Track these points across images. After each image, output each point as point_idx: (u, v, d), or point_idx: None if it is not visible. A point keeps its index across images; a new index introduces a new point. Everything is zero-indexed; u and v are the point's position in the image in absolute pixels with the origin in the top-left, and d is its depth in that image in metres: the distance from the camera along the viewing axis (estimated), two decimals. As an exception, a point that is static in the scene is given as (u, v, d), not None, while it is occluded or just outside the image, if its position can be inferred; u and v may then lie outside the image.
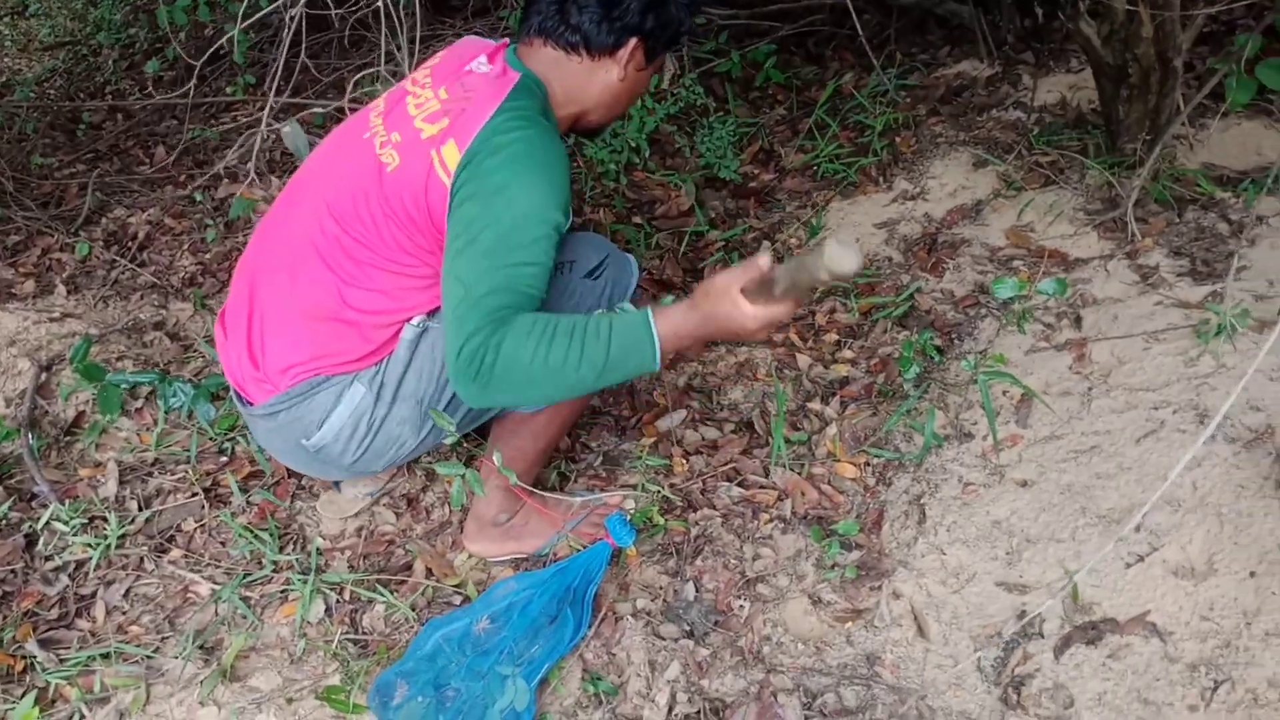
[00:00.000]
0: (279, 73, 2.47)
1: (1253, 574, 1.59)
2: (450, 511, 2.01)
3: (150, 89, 3.98)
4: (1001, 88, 2.97)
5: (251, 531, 1.96)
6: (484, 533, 1.88)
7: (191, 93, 3.27)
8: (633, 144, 2.93)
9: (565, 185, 1.52)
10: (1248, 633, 1.54)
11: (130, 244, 2.91)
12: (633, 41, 1.63)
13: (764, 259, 1.42)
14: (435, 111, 1.58)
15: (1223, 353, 1.90)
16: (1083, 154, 2.56)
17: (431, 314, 1.68)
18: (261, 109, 2.97)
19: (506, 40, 1.71)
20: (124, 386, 2.17)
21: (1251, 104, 2.37)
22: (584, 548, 1.85)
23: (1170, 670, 1.53)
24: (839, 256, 1.27)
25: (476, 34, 3.54)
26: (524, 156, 1.49)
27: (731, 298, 1.42)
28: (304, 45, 2.63)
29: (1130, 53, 2.30)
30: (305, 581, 1.84)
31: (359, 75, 2.65)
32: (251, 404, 1.76)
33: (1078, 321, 2.11)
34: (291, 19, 2.35)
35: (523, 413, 1.75)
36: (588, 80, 1.66)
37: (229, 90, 3.67)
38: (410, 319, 1.68)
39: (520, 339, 1.41)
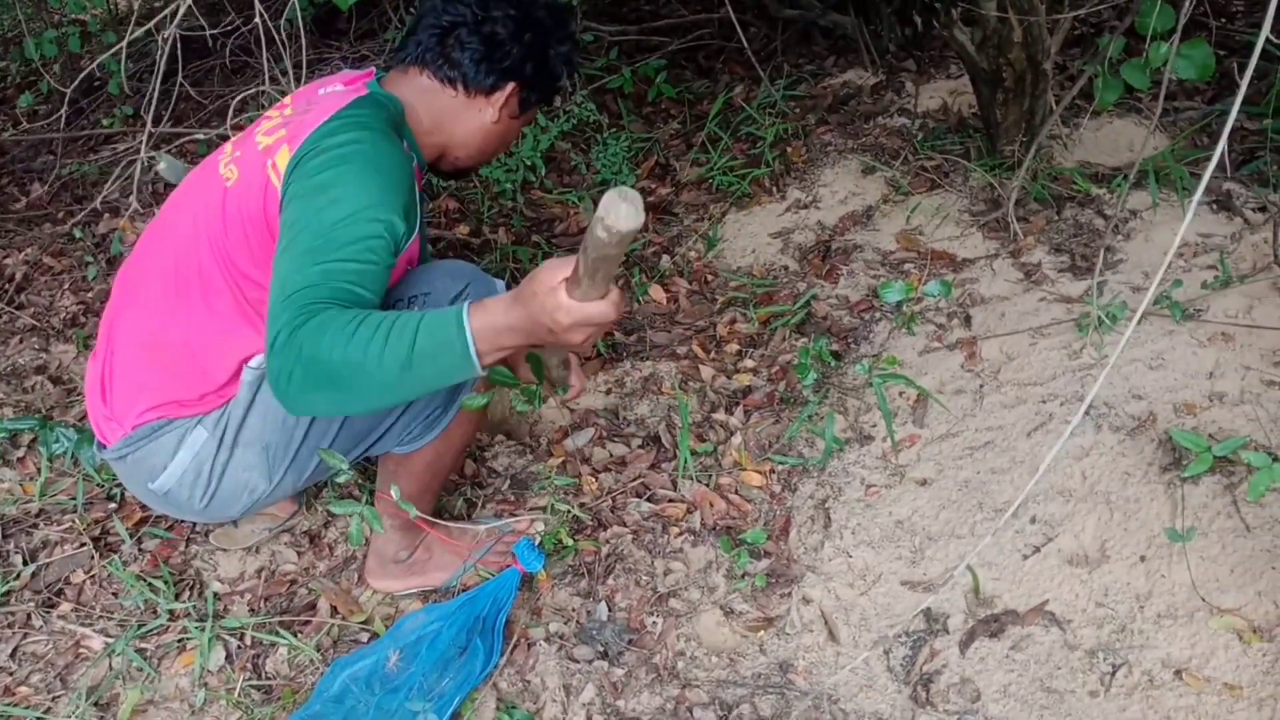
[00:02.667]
0: (155, 99, 2.38)
1: (1143, 558, 1.65)
2: (354, 546, 1.96)
3: (24, 123, 3.83)
4: (886, 95, 3.04)
5: (145, 580, 1.89)
6: (385, 570, 1.84)
7: (65, 125, 3.15)
8: (528, 163, 2.92)
9: (401, 188, 1.43)
10: (1141, 616, 1.59)
11: (7, 286, 2.79)
12: (510, 86, 1.62)
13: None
14: (275, 125, 1.55)
15: (1103, 344, 1.97)
16: (965, 157, 2.63)
17: None
18: (141, 140, 2.88)
19: (371, 70, 1.67)
20: (2, 435, 2.07)
21: (1120, 102, 2.47)
22: (493, 575, 1.82)
23: (1070, 658, 1.57)
24: (614, 210, 1.10)
25: (364, 57, 3.50)
26: (352, 156, 1.43)
27: (553, 290, 1.24)
28: (182, 73, 2.56)
29: (1003, 58, 2.38)
30: (203, 629, 1.78)
31: (240, 98, 2.58)
32: (105, 446, 1.68)
33: (967, 321, 2.17)
34: (165, 40, 2.27)
35: (400, 452, 1.70)
36: (458, 115, 1.64)
37: (105, 122, 3.55)
38: (249, 357, 1.59)
39: (323, 331, 1.26)
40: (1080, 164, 2.55)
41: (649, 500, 2.01)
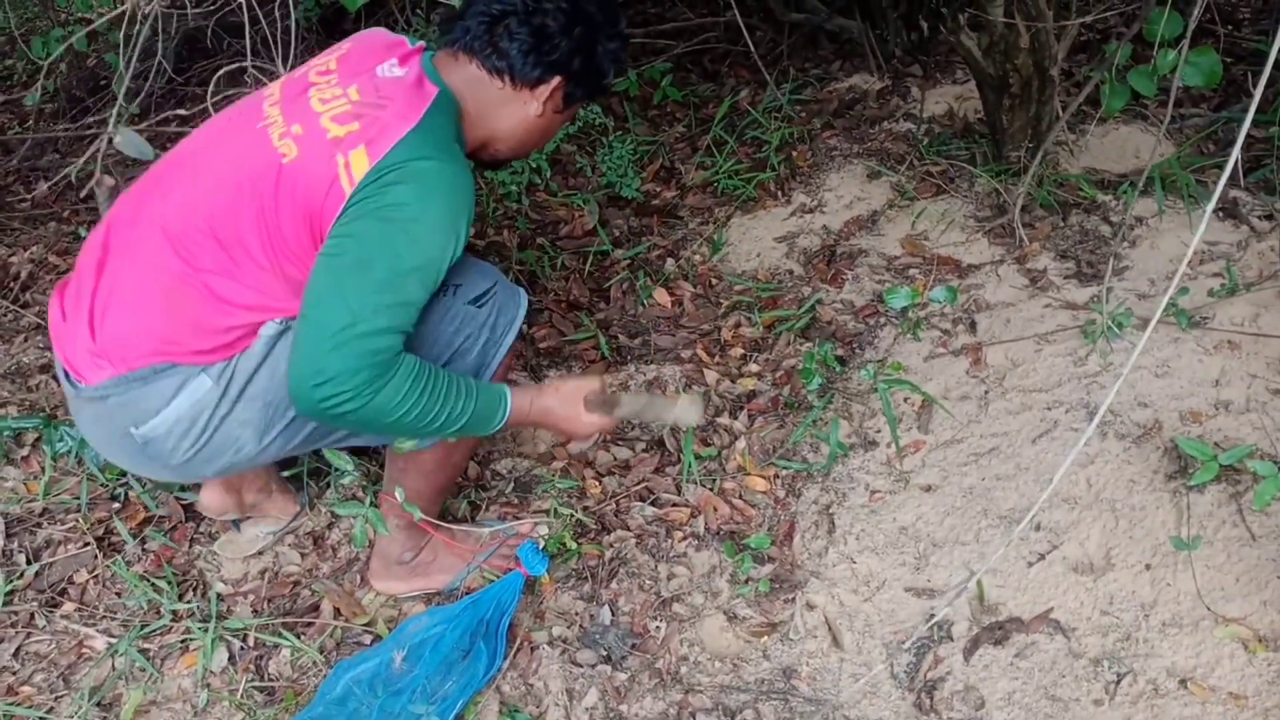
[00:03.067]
0: (126, 78, 2.34)
1: (1148, 566, 1.65)
2: (358, 549, 1.96)
3: (30, 122, 3.83)
4: (891, 100, 3.04)
5: (148, 580, 1.89)
6: (389, 571, 1.84)
7: (71, 123, 3.15)
8: (533, 165, 2.92)
9: (468, 217, 1.51)
10: (1146, 624, 1.59)
11: (12, 284, 2.78)
12: (555, 80, 1.60)
13: (604, 380, 1.70)
14: (344, 113, 1.51)
15: (1109, 351, 1.96)
16: (971, 163, 2.63)
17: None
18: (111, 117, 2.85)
19: (422, 45, 1.64)
20: (7, 434, 2.07)
21: (1127, 109, 2.47)
22: (497, 578, 1.82)
23: (1075, 666, 1.57)
24: (688, 413, 1.68)
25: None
26: (436, 192, 1.46)
27: (575, 406, 1.65)
28: (176, 73, 2.54)
29: (1010, 63, 2.38)
30: (206, 629, 1.78)
31: (218, 75, 2.49)
32: (81, 383, 1.59)
33: (972, 327, 2.17)
34: (146, 18, 2.23)
35: (409, 452, 1.69)
36: (502, 107, 1.62)
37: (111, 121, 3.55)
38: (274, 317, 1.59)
39: (396, 392, 1.43)
40: (1086, 170, 2.55)
41: (653, 504, 2.01)
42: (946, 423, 1.98)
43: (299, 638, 1.78)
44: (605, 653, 1.73)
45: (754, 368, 2.30)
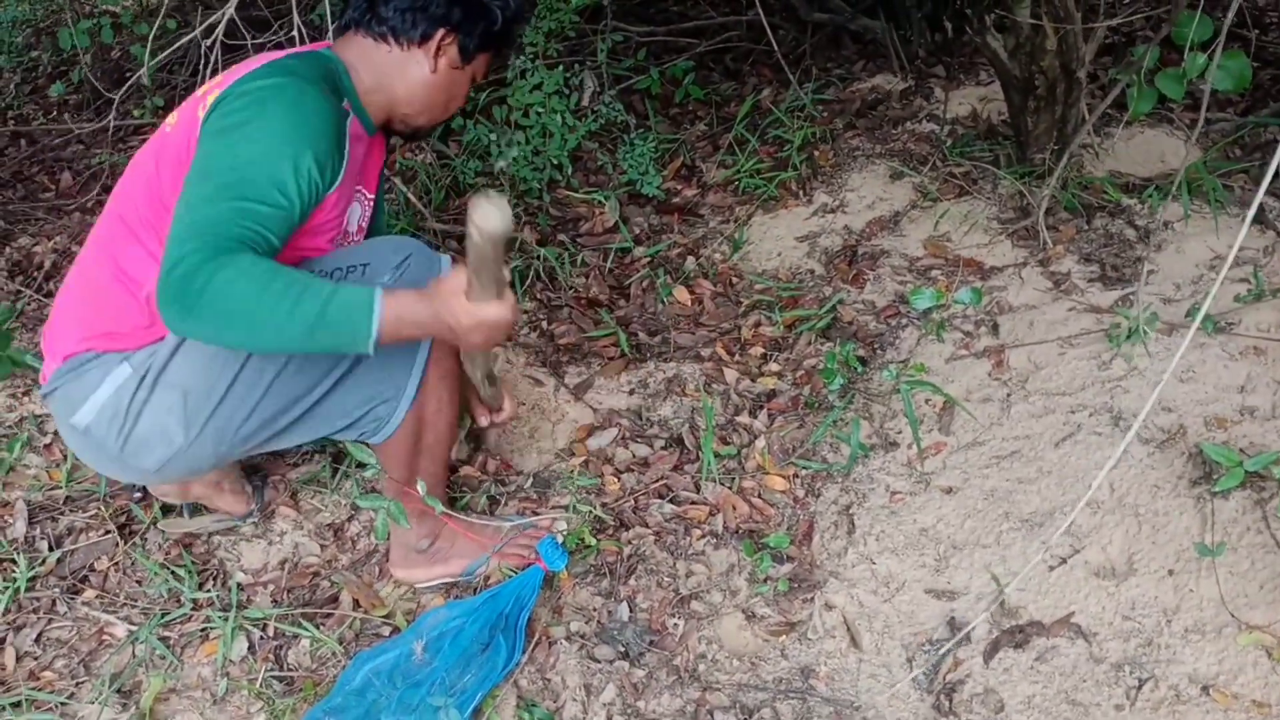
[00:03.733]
0: (176, 85, 2.38)
1: (1171, 572, 1.64)
2: (376, 540, 1.96)
3: (55, 113, 3.86)
4: (915, 101, 3.03)
5: (169, 568, 1.90)
6: (409, 559, 1.84)
7: (95, 115, 3.17)
8: (555, 161, 2.92)
9: (321, 132, 1.46)
10: (1168, 630, 1.58)
11: (36, 274, 2.80)
12: (439, 33, 1.62)
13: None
14: (218, 80, 1.56)
15: (1134, 356, 1.95)
16: (994, 164, 2.62)
17: None
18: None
19: (328, 42, 1.69)
20: (30, 422, 2.08)
21: (1153, 112, 2.45)
22: (516, 572, 1.82)
23: (1096, 670, 1.56)
24: (481, 212, 1.32)
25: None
26: (271, 98, 1.45)
27: (456, 293, 1.42)
28: (216, 67, 2.56)
29: (1036, 65, 2.37)
30: (226, 619, 1.79)
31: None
32: (43, 385, 1.68)
33: (995, 329, 2.16)
34: (209, 49, 2.28)
35: (375, 443, 1.68)
36: (396, 70, 1.64)
37: (136, 114, 3.57)
38: None
39: (239, 272, 1.33)
40: (1111, 173, 2.53)
41: (671, 502, 2.00)
42: (968, 425, 1.97)
43: (318, 628, 1.79)
44: (623, 649, 1.73)
45: (774, 367, 2.29)
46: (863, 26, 3.17)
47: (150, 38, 2.38)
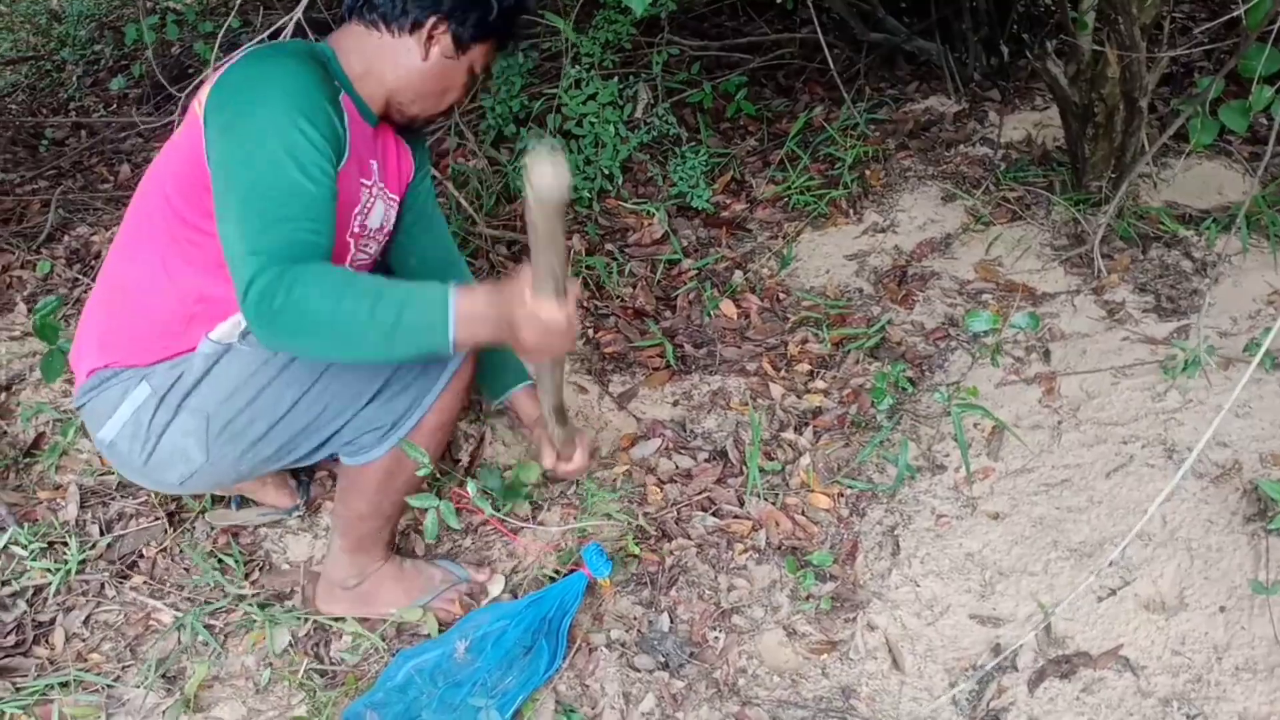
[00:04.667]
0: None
1: (1222, 609, 1.62)
2: (429, 540, 1.98)
3: (115, 106, 3.93)
4: (968, 124, 3.02)
5: (216, 557, 1.92)
6: (333, 594, 1.81)
7: (155, 109, 3.23)
8: (606, 171, 2.94)
9: (313, 98, 1.45)
10: (1218, 667, 1.56)
11: (93, 262, 2.85)
12: (431, 20, 1.58)
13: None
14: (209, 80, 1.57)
15: (1189, 388, 1.93)
16: (1049, 190, 2.60)
17: (244, 335, 1.59)
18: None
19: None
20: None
21: (1212, 144, 2.43)
22: (560, 577, 1.83)
23: (1143, 705, 1.54)
24: (540, 171, 1.20)
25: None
26: (262, 80, 1.44)
27: (524, 286, 1.36)
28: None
29: (1096, 92, 2.36)
30: (271, 609, 1.80)
31: None
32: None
33: (1046, 355, 2.14)
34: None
35: (352, 464, 1.68)
36: (386, 57, 1.61)
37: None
38: (194, 306, 1.58)
39: (311, 284, 1.34)
40: (1167, 204, 2.51)
41: (714, 515, 2.00)
42: (1017, 451, 1.96)
43: (361, 623, 1.80)
44: (663, 659, 1.73)
45: (820, 384, 2.29)
46: (918, 48, 3.17)
47: (217, 40, 2.42)
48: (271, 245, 1.36)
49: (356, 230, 1.66)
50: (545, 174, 1.21)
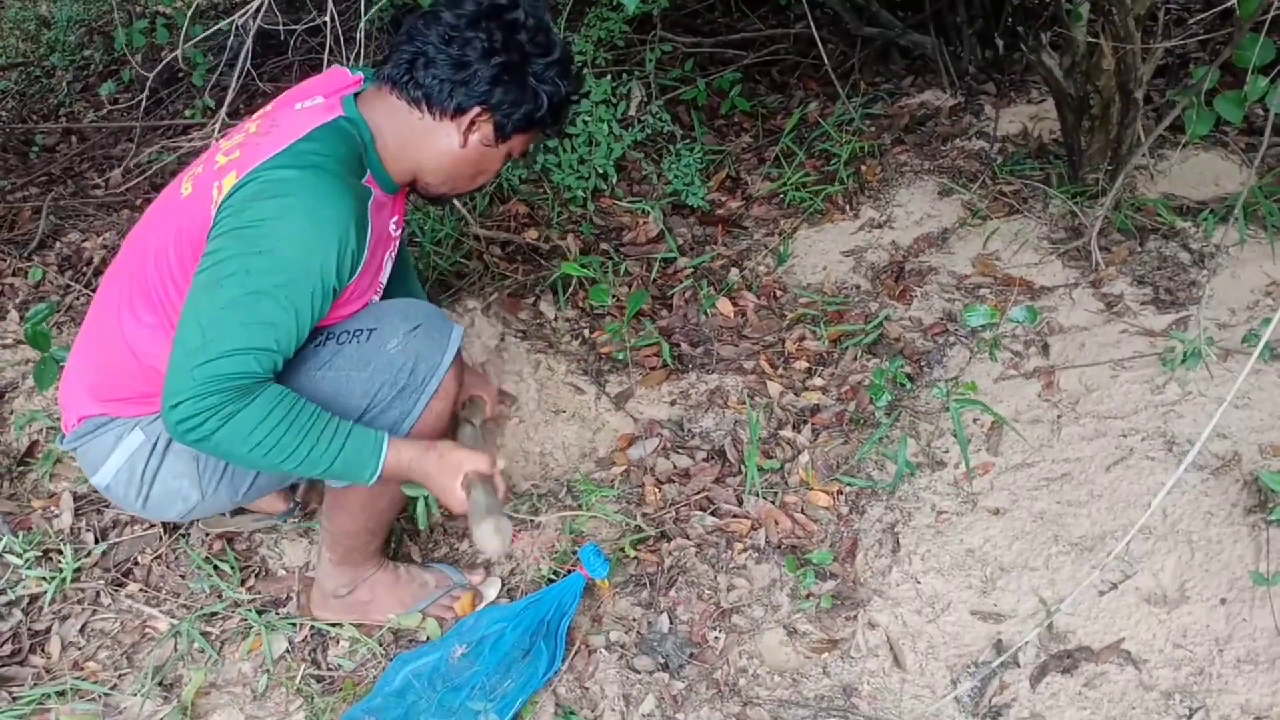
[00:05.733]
0: (234, 94, 2.42)
1: (1223, 601, 1.61)
2: (420, 541, 1.97)
3: (106, 111, 3.91)
4: (964, 118, 3.01)
5: (212, 563, 1.91)
6: (326, 603, 1.81)
7: (145, 114, 3.21)
8: (600, 170, 2.92)
9: (338, 238, 1.42)
10: (1220, 660, 1.55)
11: (85, 269, 2.84)
12: (475, 110, 1.54)
13: (498, 466, 1.60)
14: (235, 144, 1.52)
15: (1188, 380, 1.92)
16: (1045, 183, 2.59)
17: None
18: (220, 132, 2.92)
19: (361, 78, 1.63)
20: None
21: (1208, 135, 2.42)
22: (559, 578, 1.82)
23: (1146, 698, 1.53)
24: (488, 539, 1.52)
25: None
26: (295, 204, 1.40)
27: (453, 478, 1.55)
28: (258, 69, 2.59)
29: (1092, 84, 2.34)
30: (264, 616, 1.79)
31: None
32: (65, 434, 1.70)
33: (1045, 349, 2.13)
34: (244, 30, 2.28)
35: (335, 486, 1.67)
36: (424, 139, 1.57)
37: (187, 113, 3.62)
38: None
39: (252, 420, 1.39)
40: (1164, 195, 2.50)
41: (713, 514, 1.99)
42: (1017, 445, 1.95)
43: (358, 629, 1.79)
44: (663, 660, 1.72)
45: (818, 381, 2.28)
46: (912, 42, 3.16)
47: (192, 36, 2.39)
48: (224, 370, 1.38)
49: (376, 288, 1.66)
50: (491, 544, 1.53)
